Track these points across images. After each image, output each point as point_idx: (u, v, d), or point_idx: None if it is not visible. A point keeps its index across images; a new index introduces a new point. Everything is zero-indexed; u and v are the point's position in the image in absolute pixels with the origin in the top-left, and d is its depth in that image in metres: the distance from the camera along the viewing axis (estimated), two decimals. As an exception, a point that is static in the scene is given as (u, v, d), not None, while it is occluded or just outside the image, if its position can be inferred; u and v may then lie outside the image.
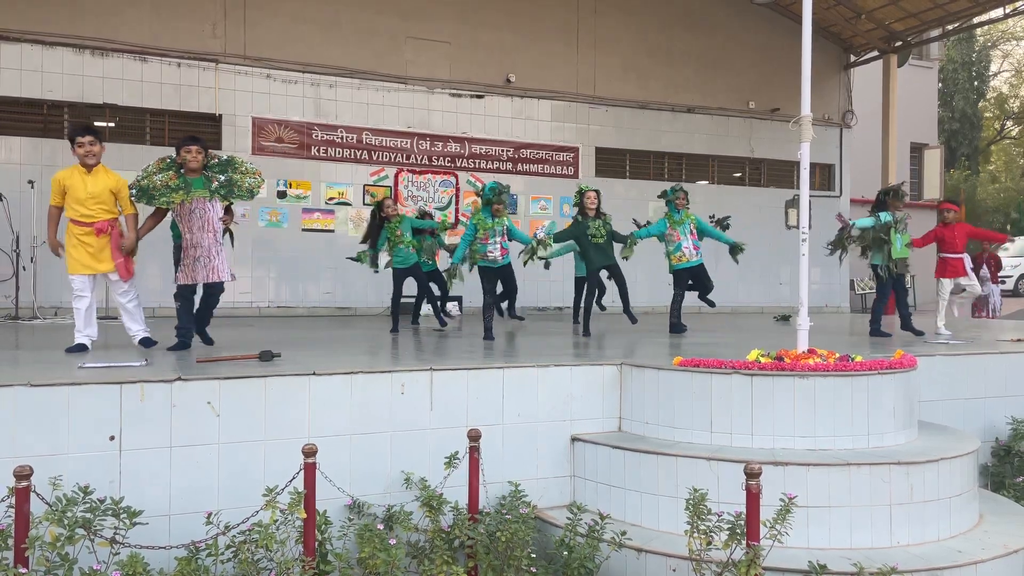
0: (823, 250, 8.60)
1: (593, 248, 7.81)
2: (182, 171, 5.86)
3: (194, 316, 6.18)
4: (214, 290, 6.09)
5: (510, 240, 7.72)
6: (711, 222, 8.94)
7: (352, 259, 8.68)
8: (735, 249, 8.47)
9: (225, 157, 6.15)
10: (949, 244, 8.24)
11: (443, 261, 9.12)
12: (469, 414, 4.86)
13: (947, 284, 8.34)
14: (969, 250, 8.56)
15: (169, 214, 6.02)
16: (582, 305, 8.29)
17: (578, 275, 9.77)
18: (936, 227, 8.44)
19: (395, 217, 8.30)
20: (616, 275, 7.94)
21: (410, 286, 8.71)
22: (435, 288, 9.38)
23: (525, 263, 7.75)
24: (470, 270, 7.70)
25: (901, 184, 8.68)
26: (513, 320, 9.37)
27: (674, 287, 8.52)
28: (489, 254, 7.47)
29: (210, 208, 5.86)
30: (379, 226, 8.30)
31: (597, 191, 8.00)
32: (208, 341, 6.40)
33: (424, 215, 9.98)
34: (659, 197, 8.76)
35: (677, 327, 8.41)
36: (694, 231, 8.41)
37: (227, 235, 6.34)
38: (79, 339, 5.71)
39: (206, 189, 5.85)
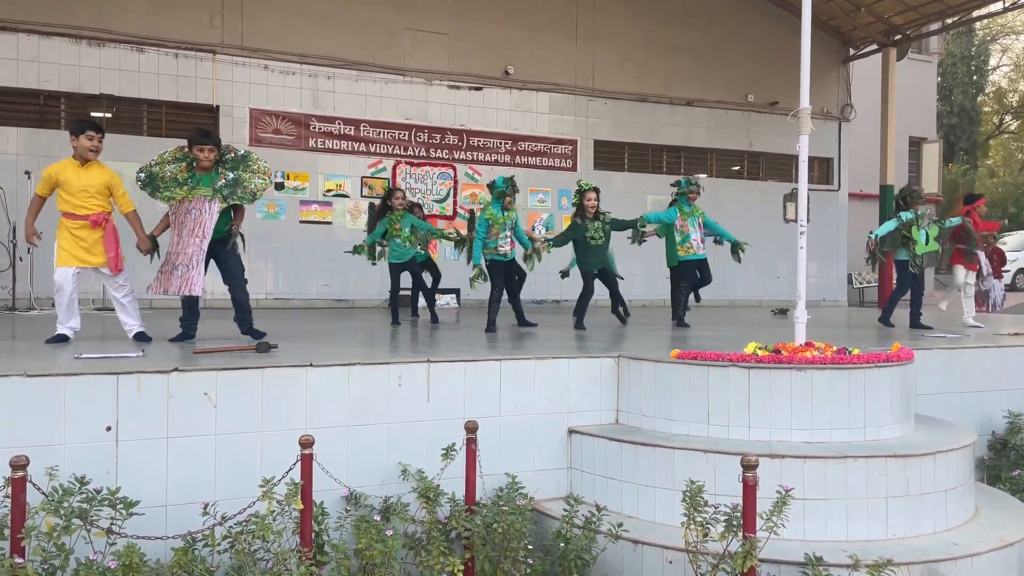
0: (866, 267, 8.85)
1: (591, 250, 7.66)
2: (193, 165, 5.79)
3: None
4: (239, 288, 6.03)
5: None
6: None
7: (349, 252, 8.72)
8: (737, 247, 8.50)
9: (242, 152, 6.00)
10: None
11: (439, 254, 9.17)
12: (466, 406, 4.86)
13: (962, 273, 8.52)
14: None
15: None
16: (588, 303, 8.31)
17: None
18: (965, 222, 8.56)
19: (400, 210, 8.30)
20: (607, 280, 7.93)
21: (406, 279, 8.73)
22: (427, 280, 9.42)
23: (530, 268, 7.90)
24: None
25: (914, 186, 8.82)
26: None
27: (681, 280, 8.55)
28: (500, 248, 7.41)
29: (207, 209, 5.70)
30: (381, 214, 8.34)
31: (597, 190, 7.75)
32: (258, 334, 6.06)
33: (414, 207, 9.82)
34: (672, 186, 8.74)
35: (682, 321, 8.43)
36: (701, 225, 8.45)
37: (239, 238, 6.03)
38: (61, 330, 5.66)
39: (210, 188, 5.74)
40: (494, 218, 7.33)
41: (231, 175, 5.82)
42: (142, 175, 5.76)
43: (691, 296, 8.71)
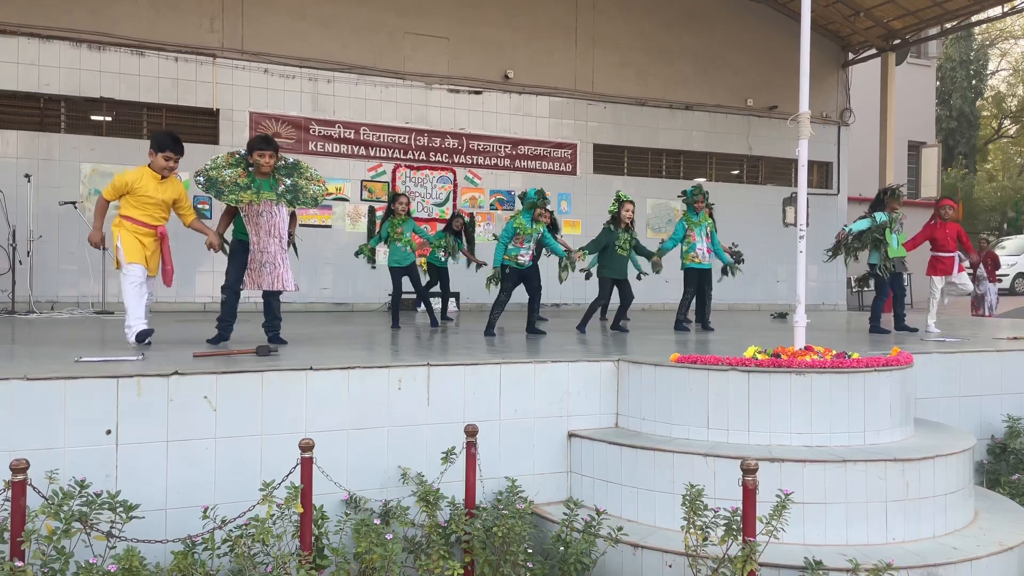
0: (823, 255, 8.78)
1: (615, 259, 7.90)
2: (251, 169, 5.86)
3: (232, 317, 6.08)
4: (274, 294, 6.06)
5: (542, 247, 7.64)
6: (729, 250, 9.03)
7: (357, 255, 8.80)
8: (728, 269, 8.75)
9: (292, 160, 6.09)
10: (941, 243, 8.35)
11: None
12: (466, 410, 4.86)
13: (939, 282, 8.42)
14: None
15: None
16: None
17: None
18: (928, 224, 8.50)
19: (402, 215, 8.36)
20: (624, 290, 8.12)
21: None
22: (435, 287, 9.50)
23: (563, 279, 7.95)
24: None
25: (899, 185, 8.76)
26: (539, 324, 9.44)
27: (684, 285, 8.59)
28: (519, 257, 7.39)
29: (276, 212, 5.83)
30: (385, 219, 8.42)
31: (634, 203, 8.02)
32: (280, 342, 6.11)
33: (454, 219, 9.83)
34: (679, 196, 8.82)
35: (681, 325, 8.45)
36: (708, 235, 8.53)
37: (291, 246, 6.10)
38: (144, 326, 5.68)
39: (273, 192, 5.83)
40: (522, 228, 7.33)
41: (288, 181, 5.94)
42: (200, 179, 5.80)
43: (707, 319, 8.81)
